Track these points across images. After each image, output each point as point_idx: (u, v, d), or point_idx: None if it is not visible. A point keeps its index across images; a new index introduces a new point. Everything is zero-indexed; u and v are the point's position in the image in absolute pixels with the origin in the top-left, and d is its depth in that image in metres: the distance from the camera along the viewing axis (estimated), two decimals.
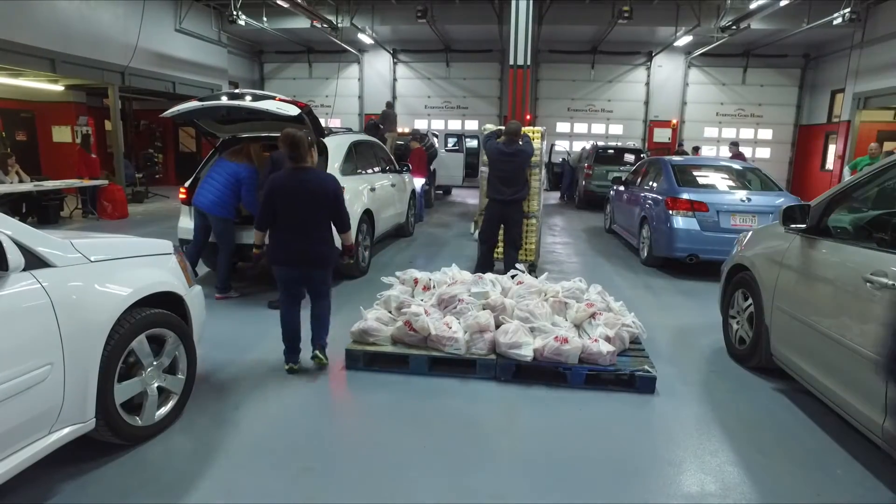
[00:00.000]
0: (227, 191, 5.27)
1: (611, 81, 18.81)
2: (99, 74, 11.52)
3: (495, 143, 5.87)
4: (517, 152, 5.73)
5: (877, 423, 2.52)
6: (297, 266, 3.61)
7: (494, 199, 5.83)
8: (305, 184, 3.50)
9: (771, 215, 6.18)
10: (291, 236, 3.54)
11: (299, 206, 3.50)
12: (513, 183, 5.76)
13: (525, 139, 5.88)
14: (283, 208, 3.51)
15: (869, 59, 13.71)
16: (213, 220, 5.28)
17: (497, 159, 5.76)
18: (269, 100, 5.10)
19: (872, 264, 2.66)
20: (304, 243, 3.54)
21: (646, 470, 2.75)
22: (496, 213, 5.87)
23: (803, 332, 3.19)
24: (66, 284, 2.36)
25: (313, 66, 19.78)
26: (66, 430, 2.37)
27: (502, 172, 5.74)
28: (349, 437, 3.07)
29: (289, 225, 3.53)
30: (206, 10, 15.18)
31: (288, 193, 3.49)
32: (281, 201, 3.50)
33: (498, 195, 5.78)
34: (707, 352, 4.36)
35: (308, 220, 3.53)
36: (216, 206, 5.24)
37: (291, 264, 3.59)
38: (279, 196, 3.50)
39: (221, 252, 5.38)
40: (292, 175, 3.51)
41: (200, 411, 3.17)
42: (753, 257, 3.92)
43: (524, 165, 5.85)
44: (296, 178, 3.50)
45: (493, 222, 5.92)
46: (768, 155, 18.37)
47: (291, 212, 3.51)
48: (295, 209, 3.50)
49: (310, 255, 3.57)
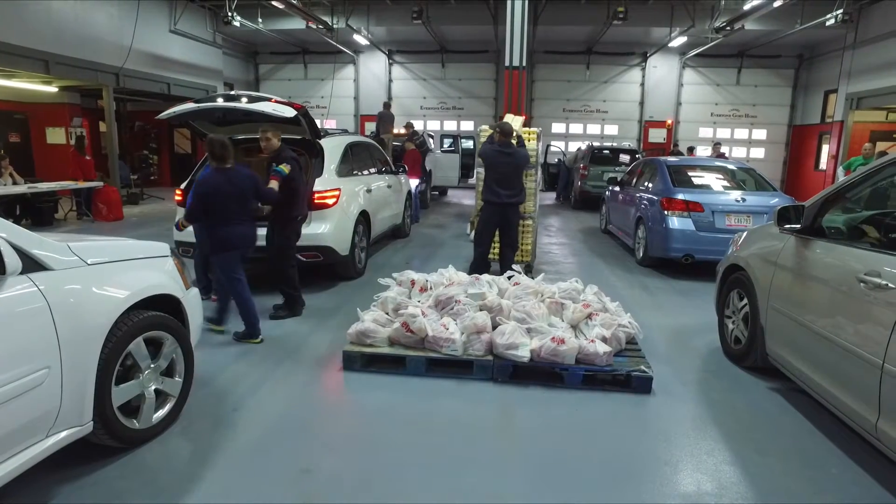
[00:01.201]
0: None
1: (606, 82, 18.87)
2: (93, 76, 11.48)
3: (490, 145, 5.80)
4: (514, 152, 5.68)
5: (871, 421, 2.55)
6: (240, 248, 4.24)
7: (492, 202, 5.73)
8: (231, 181, 4.12)
9: (766, 215, 6.21)
10: (227, 224, 4.13)
11: (229, 200, 4.10)
12: (511, 185, 5.68)
13: (519, 140, 5.88)
14: (216, 203, 4.08)
15: (861, 60, 13.80)
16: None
17: (495, 161, 5.66)
18: (265, 101, 5.10)
19: (866, 264, 2.68)
20: (241, 230, 4.20)
21: (642, 470, 2.76)
22: (494, 216, 5.78)
23: (798, 331, 3.22)
24: (63, 288, 2.36)
25: (309, 68, 19.76)
26: (64, 433, 2.36)
27: (500, 174, 5.66)
28: (347, 438, 3.07)
29: (223, 216, 4.11)
30: (200, 11, 15.14)
31: (218, 191, 4.07)
32: (212, 198, 4.07)
33: (496, 198, 5.68)
34: (703, 352, 4.39)
35: (238, 210, 4.15)
36: None
37: (237, 248, 4.22)
38: (211, 194, 4.07)
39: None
40: (218, 174, 4.12)
41: (198, 414, 3.17)
42: (748, 257, 3.94)
43: (522, 166, 5.79)
44: (222, 176, 4.11)
45: (491, 225, 5.84)
46: (762, 155, 18.47)
47: (223, 205, 4.08)
48: (226, 202, 4.09)
49: (247, 237, 4.27)
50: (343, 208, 5.90)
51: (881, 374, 2.46)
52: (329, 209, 5.66)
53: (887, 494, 2.58)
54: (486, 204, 5.80)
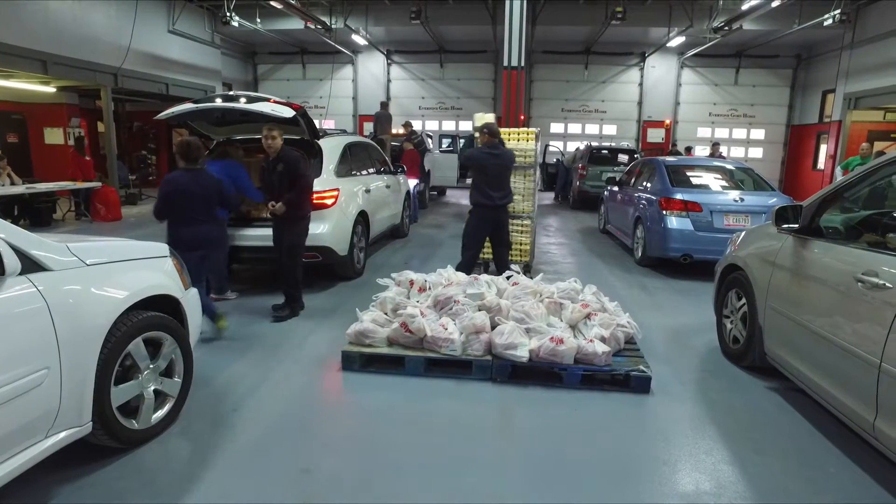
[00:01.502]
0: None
1: (604, 82, 18.89)
2: (91, 76, 11.47)
3: (477, 149, 5.61)
4: (502, 153, 5.57)
5: (868, 420, 2.55)
6: (201, 248, 4.24)
7: (486, 205, 5.54)
8: (197, 182, 4.22)
9: (764, 215, 6.22)
10: (190, 224, 4.18)
11: (194, 200, 4.17)
12: (502, 186, 5.56)
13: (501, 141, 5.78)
14: (181, 202, 4.15)
15: (859, 60, 13.83)
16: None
17: (486, 163, 5.50)
18: (264, 101, 5.10)
19: (864, 264, 2.69)
20: (201, 228, 4.22)
21: (641, 469, 2.77)
22: (487, 219, 5.60)
23: (796, 331, 3.22)
24: (63, 288, 2.36)
25: (307, 68, 19.75)
26: (63, 433, 2.36)
27: (491, 177, 5.50)
28: (346, 438, 3.07)
29: (186, 216, 4.17)
30: (199, 11, 15.13)
31: (184, 191, 4.16)
32: (177, 197, 4.16)
33: (489, 201, 5.52)
34: (701, 351, 4.39)
35: (201, 211, 4.21)
36: None
37: (198, 248, 4.20)
38: (176, 193, 4.16)
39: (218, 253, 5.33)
40: (186, 175, 4.22)
41: (197, 414, 3.17)
42: (747, 257, 3.95)
43: (510, 167, 5.70)
44: (189, 177, 4.21)
45: (483, 229, 5.66)
46: (761, 155, 18.50)
47: (187, 204, 4.15)
48: (190, 202, 4.16)
49: (210, 238, 4.31)
50: (342, 208, 5.90)
51: (878, 374, 2.47)
52: (328, 209, 5.66)
53: (886, 494, 2.58)
54: (479, 208, 5.58)
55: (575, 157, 14.77)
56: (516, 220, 6.26)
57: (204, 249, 4.25)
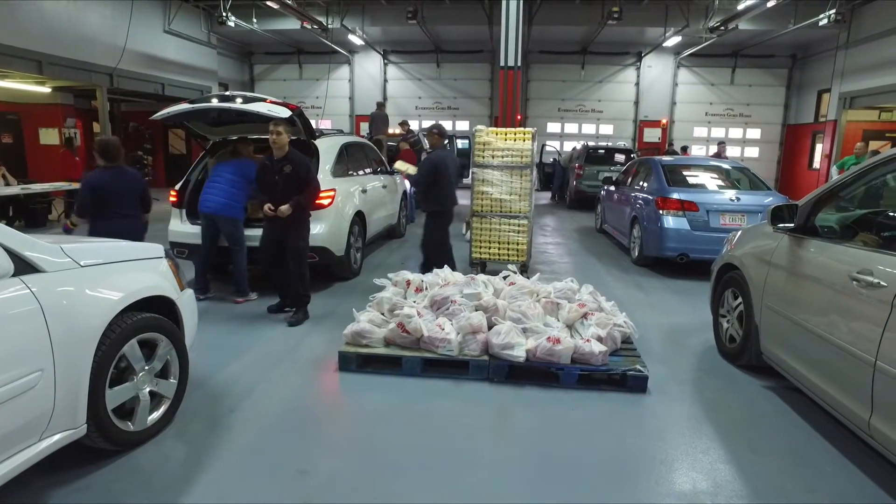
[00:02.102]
0: (234, 190, 5.24)
1: (601, 82, 18.91)
2: (87, 76, 11.42)
3: (437, 153, 5.50)
4: (452, 153, 5.56)
5: (864, 419, 2.56)
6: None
7: (449, 209, 5.51)
8: (117, 179, 4.46)
9: (760, 214, 6.24)
10: (109, 219, 4.38)
11: (113, 196, 4.42)
12: (454, 189, 5.49)
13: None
14: (101, 198, 4.37)
15: (854, 60, 13.88)
16: (223, 223, 5.23)
17: (450, 166, 5.41)
18: (260, 102, 5.08)
19: (859, 263, 2.69)
20: (122, 223, 4.40)
21: (638, 469, 2.77)
22: (448, 221, 5.57)
23: (792, 330, 3.23)
24: (56, 290, 2.35)
25: (303, 68, 19.72)
26: (57, 436, 2.35)
27: (450, 179, 5.45)
28: (343, 439, 3.07)
29: (108, 211, 4.39)
30: (195, 11, 15.08)
31: (104, 187, 4.39)
32: (98, 193, 4.37)
33: (450, 203, 5.49)
34: (698, 350, 4.40)
35: (120, 206, 4.46)
36: (226, 207, 5.19)
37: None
38: (98, 190, 4.37)
39: (236, 254, 5.32)
40: (105, 172, 4.44)
41: (193, 415, 3.16)
42: (742, 256, 3.96)
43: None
44: (109, 174, 4.44)
45: (446, 231, 5.62)
46: (757, 154, 18.55)
47: (108, 200, 4.39)
48: (111, 198, 4.40)
49: (130, 231, 4.38)
50: (338, 209, 5.89)
51: (874, 372, 2.48)
52: (324, 210, 5.65)
53: (881, 492, 2.59)
54: (445, 213, 5.50)
55: (572, 157, 14.78)
56: (513, 220, 6.27)
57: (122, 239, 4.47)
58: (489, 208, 6.27)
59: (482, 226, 6.35)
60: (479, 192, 6.24)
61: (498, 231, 6.32)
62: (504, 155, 6.19)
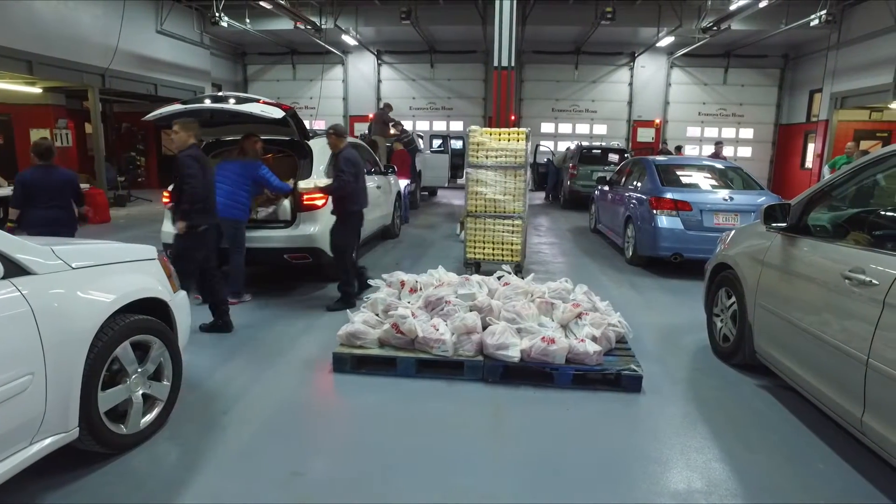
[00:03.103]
0: (238, 191, 5.18)
1: (594, 82, 18.97)
2: (78, 77, 11.35)
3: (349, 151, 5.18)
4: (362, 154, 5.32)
5: (856, 416, 2.57)
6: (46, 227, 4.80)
7: (358, 211, 5.25)
8: (48, 176, 4.98)
9: (753, 214, 6.27)
10: (37, 209, 4.90)
11: (43, 191, 4.91)
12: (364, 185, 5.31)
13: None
14: (32, 193, 4.86)
15: (845, 60, 13.98)
16: (225, 224, 5.15)
17: (360, 166, 5.19)
18: (253, 102, 5.07)
19: (851, 261, 2.71)
20: (51, 213, 4.92)
21: (633, 468, 2.78)
22: (358, 224, 5.34)
23: (785, 329, 3.25)
24: (47, 292, 2.33)
25: (297, 68, 19.68)
26: (49, 440, 2.33)
27: (361, 180, 5.23)
28: (337, 440, 3.06)
29: (40, 203, 4.90)
30: (187, 11, 15.03)
31: (35, 183, 4.89)
32: (29, 187, 4.86)
33: (361, 205, 5.25)
34: (692, 350, 4.42)
35: (49, 199, 4.94)
36: (229, 207, 5.10)
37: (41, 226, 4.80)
38: (32, 185, 4.85)
39: (234, 255, 5.27)
40: (38, 170, 4.95)
41: (187, 418, 3.14)
42: (736, 256, 3.97)
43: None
44: (41, 172, 4.96)
45: (356, 233, 5.37)
46: (750, 154, 18.65)
47: (38, 194, 4.86)
48: (41, 193, 4.90)
49: (58, 219, 4.94)
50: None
51: (866, 370, 2.49)
52: (318, 210, 5.63)
53: (873, 489, 2.61)
54: (355, 214, 5.23)
55: (565, 157, 14.82)
56: (507, 221, 6.27)
57: (51, 227, 4.87)
58: (483, 208, 6.27)
59: (476, 226, 6.35)
60: (474, 193, 6.24)
61: (492, 231, 6.32)
62: (498, 155, 6.20)
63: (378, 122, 12.37)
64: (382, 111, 12.71)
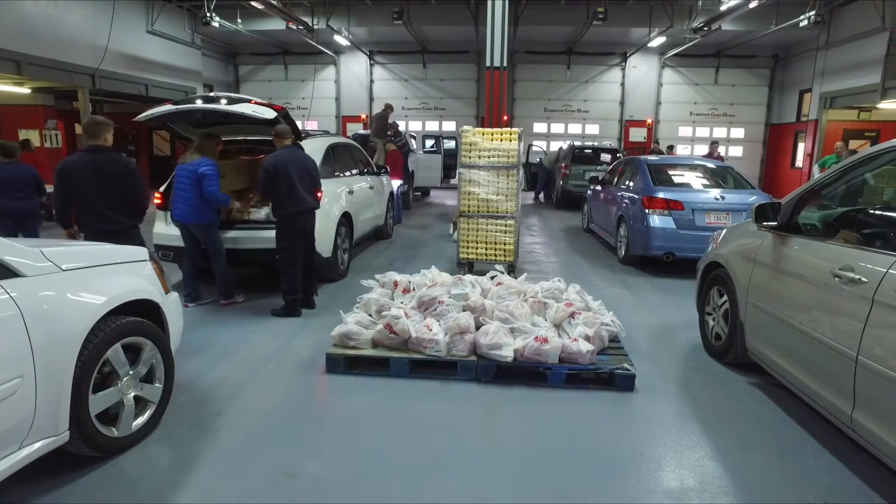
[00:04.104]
0: (195, 193, 5.01)
1: (586, 82, 19.02)
2: (68, 77, 11.25)
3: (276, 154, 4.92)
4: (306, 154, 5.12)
5: (846, 413, 2.60)
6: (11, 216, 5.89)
7: (289, 215, 4.90)
8: (11, 172, 5.89)
9: (744, 213, 6.30)
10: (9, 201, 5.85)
11: (11, 183, 5.85)
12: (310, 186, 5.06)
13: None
14: (5, 188, 5.80)
15: (833, 60, 14.10)
16: (195, 230, 5.13)
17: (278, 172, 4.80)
18: (245, 103, 5.04)
19: (840, 260, 2.73)
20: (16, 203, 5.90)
21: (626, 467, 2.79)
22: (293, 228, 4.96)
23: (776, 327, 3.27)
24: (37, 294, 2.31)
25: (289, 69, 19.61)
26: (38, 444, 2.30)
27: (293, 181, 4.86)
28: (330, 441, 3.05)
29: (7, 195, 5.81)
30: (178, 11, 14.93)
31: (3, 178, 5.82)
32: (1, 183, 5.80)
33: (288, 209, 4.89)
34: (684, 348, 4.44)
35: (19, 191, 5.92)
36: (192, 214, 5.06)
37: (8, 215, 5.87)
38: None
39: (215, 258, 5.23)
40: (3, 168, 5.84)
41: (179, 420, 3.12)
42: (728, 255, 4.00)
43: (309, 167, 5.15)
44: (6, 168, 5.82)
45: (297, 237, 4.99)
46: (741, 153, 18.77)
47: (7, 187, 5.82)
48: (9, 185, 5.82)
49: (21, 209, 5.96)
50: (325, 210, 5.86)
51: (855, 367, 2.51)
52: None
53: (863, 484, 2.63)
54: (288, 218, 4.92)
55: (557, 157, 14.86)
56: (500, 220, 6.28)
57: (17, 217, 5.88)
58: (476, 208, 6.28)
59: (469, 226, 6.35)
60: (466, 193, 6.25)
61: (485, 231, 6.33)
62: (490, 155, 6.20)
63: (378, 122, 12.34)
64: (384, 112, 12.68)
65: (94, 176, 4.02)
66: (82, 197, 4.06)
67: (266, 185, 4.83)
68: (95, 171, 4.02)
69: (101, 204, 4.05)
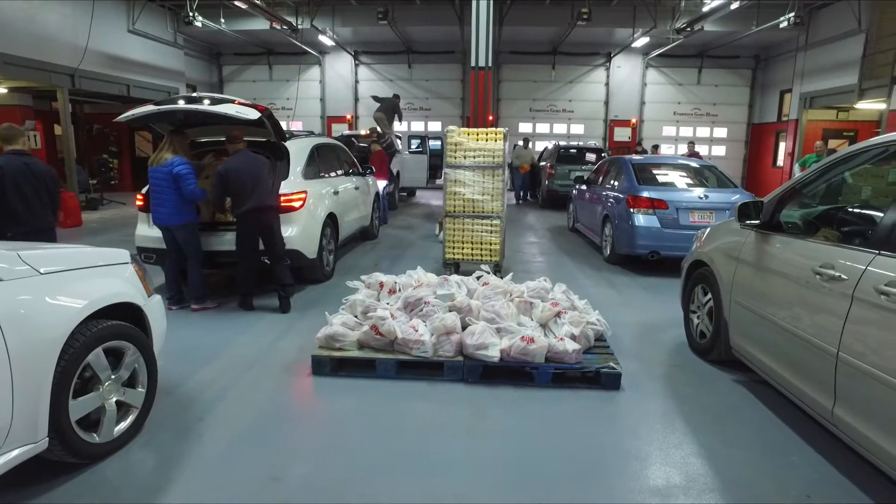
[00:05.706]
0: (173, 195, 4.92)
1: (571, 82, 19.14)
2: (46, 77, 11.06)
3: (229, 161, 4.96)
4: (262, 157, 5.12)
5: (827, 408, 2.63)
6: None
7: (241, 213, 4.94)
8: None
9: (727, 212, 6.38)
10: None
11: None
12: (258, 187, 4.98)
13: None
14: None
15: (812, 61, 14.34)
16: (176, 232, 5.06)
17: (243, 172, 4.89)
18: (228, 103, 4.99)
19: (821, 257, 2.77)
20: None
21: (613, 465, 2.80)
22: (245, 228, 5.03)
23: (759, 324, 3.31)
24: (14, 299, 2.26)
25: (273, 69, 19.48)
26: (16, 451, 2.26)
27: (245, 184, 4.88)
28: (316, 444, 3.02)
29: None
30: (160, 10, 14.76)
31: None
32: None
33: (238, 207, 4.93)
34: (670, 346, 4.47)
35: None
36: (172, 216, 4.98)
37: None
38: None
39: (191, 259, 5.14)
40: None
41: (162, 425, 3.08)
42: (711, 253, 4.04)
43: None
44: None
45: (247, 236, 5.06)
46: (724, 153, 19.00)
47: None
48: None
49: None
50: (310, 211, 5.83)
51: (836, 363, 2.55)
52: (296, 212, 5.58)
53: (843, 478, 2.67)
54: (240, 216, 5.01)
55: (542, 157, 14.91)
56: (486, 220, 6.28)
57: None
58: (462, 209, 6.27)
59: (455, 226, 6.34)
60: (452, 193, 6.24)
61: (471, 231, 6.32)
62: (476, 155, 6.20)
63: (387, 111, 12.22)
64: (394, 100, 12.50)
65: (32, 176, 4.33)
66: (21, 196, 4.29)
67: (217, 194, 5.03)
68: (31, 173, 4.33)
69: (36, 203, 4.36)
